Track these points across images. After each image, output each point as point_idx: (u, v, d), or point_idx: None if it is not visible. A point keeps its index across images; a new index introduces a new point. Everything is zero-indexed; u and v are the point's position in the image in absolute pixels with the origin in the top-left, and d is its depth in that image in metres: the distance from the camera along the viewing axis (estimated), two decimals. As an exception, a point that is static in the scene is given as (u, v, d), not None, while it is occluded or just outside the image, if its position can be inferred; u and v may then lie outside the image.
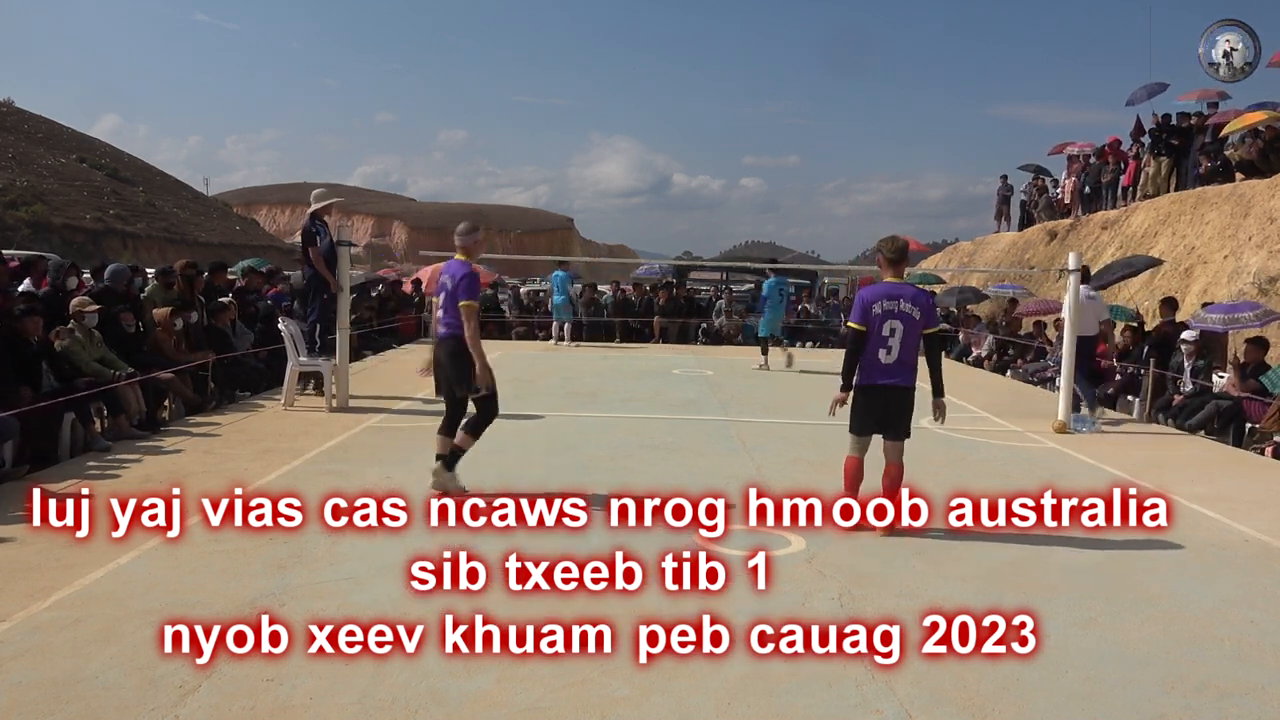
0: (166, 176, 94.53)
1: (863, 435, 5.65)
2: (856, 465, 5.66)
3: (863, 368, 5.55)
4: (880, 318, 5.46)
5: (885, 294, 5.51)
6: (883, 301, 5.48)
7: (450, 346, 5.98)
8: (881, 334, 5.47)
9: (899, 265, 5.67)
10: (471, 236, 6.20)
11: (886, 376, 5.51)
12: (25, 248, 31.27)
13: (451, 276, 6.03)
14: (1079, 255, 10.18)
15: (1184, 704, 3.50)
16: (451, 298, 5.96)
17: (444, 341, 6.03)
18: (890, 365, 5.50)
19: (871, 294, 5.54)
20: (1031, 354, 15.13)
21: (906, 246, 5.75)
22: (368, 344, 15.27)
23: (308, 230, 9.51)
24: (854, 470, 5.66)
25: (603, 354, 16.52)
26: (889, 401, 5.55)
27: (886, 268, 5.66)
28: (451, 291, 5.97)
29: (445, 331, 6.02)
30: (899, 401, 5.57)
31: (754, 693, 3.46)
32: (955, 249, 32.20)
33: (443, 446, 6.08)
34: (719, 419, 9.61)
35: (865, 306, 5.49)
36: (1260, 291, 13.54)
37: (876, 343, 5.48)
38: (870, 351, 5.50)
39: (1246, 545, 5.65)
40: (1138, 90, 20.66)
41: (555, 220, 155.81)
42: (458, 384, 6.01)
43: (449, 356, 6.00)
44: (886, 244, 5.71)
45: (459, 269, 6.04)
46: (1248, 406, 9.40)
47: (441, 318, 6.05)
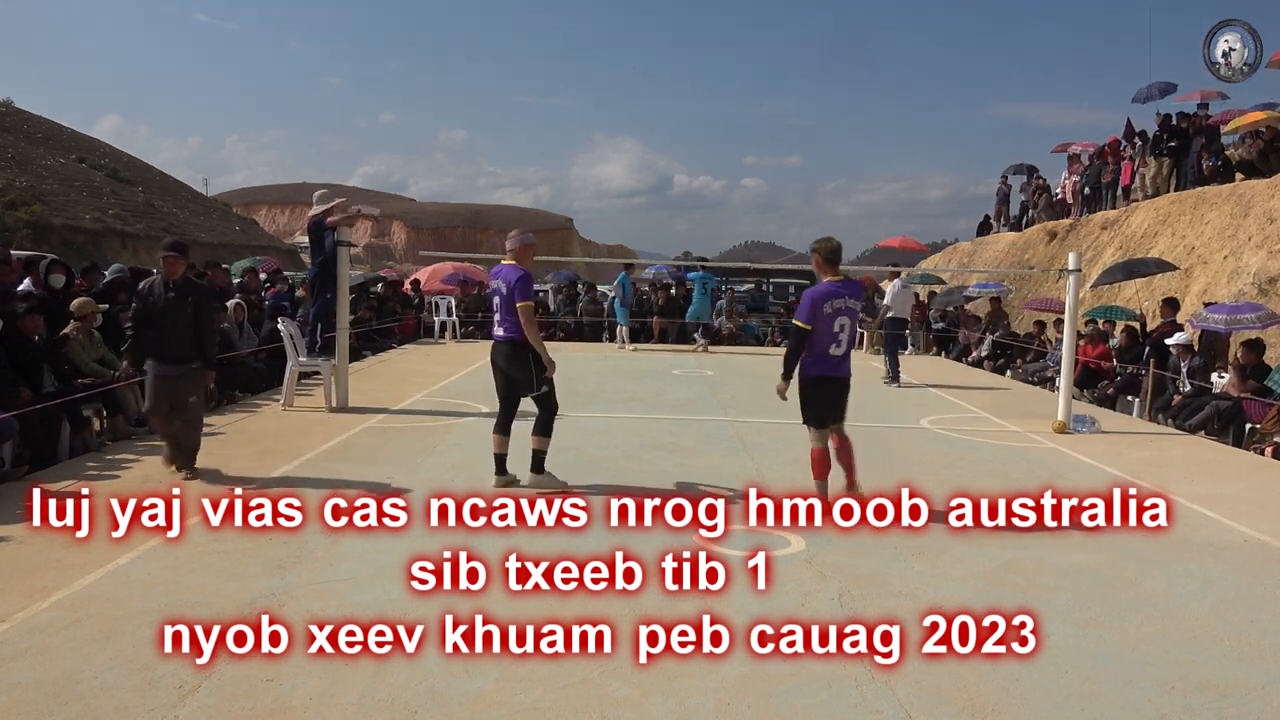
0: (166, 176, 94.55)
1: (823, 427, 5.96)
2: (824, 454, 5.97)
3: (816, 362, 5.90)
4: (830, 316, 5.83)
5: (833, 293, 5.86)
6: (832, 300, 5.84)
7: (508, 349, 6.16)
8: (833, 330, 5.86)
9: (836, 265, 6.02)
10: (522, 240, 6.36)
11: (838, 369, 5.96)
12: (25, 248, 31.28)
13: (506, 281, 6.15)
14: (1079, 255, 10.19)
15: (1184, 704, 3.50)
16: (509, 301, 6.11)
17: (502, 344, 6.20)
18: (839, 358, 5.94)
19: (820, 294, 5.86)
20: (1031, 354, 15.14)
21: (840, 248, 6.06)
22: (367, 344, 15.27)
23: (318, 222, 9.44)
24: (821, 459, 5.96)
25: (603, 354, 16.51)
26: (840, 391, 6.00)
27: (826, 268, 5.98)
28: (508, 295, 6.12)
29: (504, 334, 6.18)
30: (845, 390, 6.04)
31: (754, 693, 3.46)
32: (955, 249, 32.22)
33: (500, 446, 6.31)
34: (719, 419, 9.61)
35: (816, 306, 5.83)
36: (1260, 292, 13.54)
37: (828, 339, 5.87)
38: (822, 347, 5.87)
39: (1246, 545, 5.65)
40: (1150, 88, 20.68)
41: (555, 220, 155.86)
42: (521, 385, 6.18)
43: (507, 359, 6.17)
44: (822, 245, 6.04)
45: (512, 273, 6.18)
46: (1248, 407, 9.41)
47: (499, 321, 6.22)
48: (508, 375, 6.21)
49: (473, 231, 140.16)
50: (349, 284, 10.05)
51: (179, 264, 6.26)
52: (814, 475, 5.98)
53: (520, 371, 6.15)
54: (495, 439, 6.34)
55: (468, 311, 19.39)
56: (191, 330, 6.22)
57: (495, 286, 6.27)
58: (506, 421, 6.30)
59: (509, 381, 6.24)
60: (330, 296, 9.49)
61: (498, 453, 6.33)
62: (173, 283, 6.22)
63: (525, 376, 6.16)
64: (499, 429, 6.32)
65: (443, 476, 6.61)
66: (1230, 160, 17.18)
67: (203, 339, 6.30)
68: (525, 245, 6.33)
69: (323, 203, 9.71)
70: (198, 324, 6.25)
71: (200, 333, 6.28)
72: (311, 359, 9.55)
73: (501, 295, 6.17)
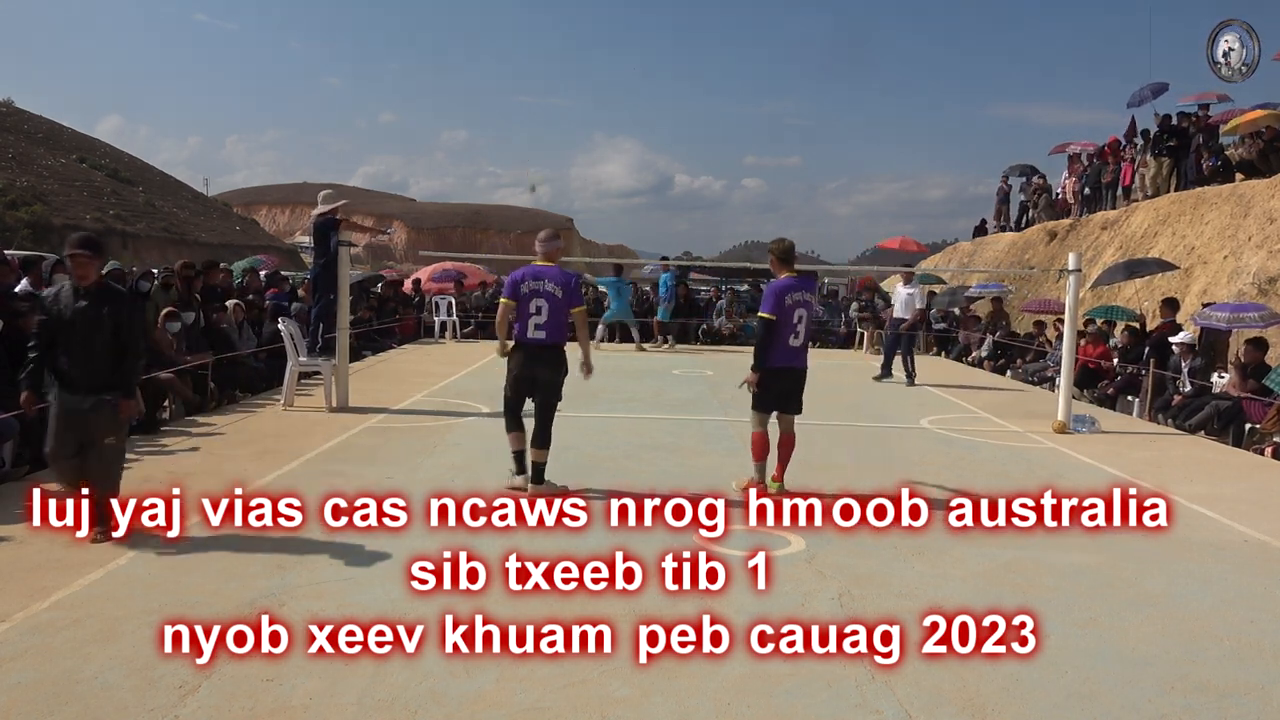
0: (166, 176, 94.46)
1: (767, 412, 6.32)
2: (764, 438, 6.30)
3: (775, 352, 6.17)
4: (791, 308, 6.16)
5: (793, 287, 6.19)
6: (793, 293, 6.17)
7: (555, 355, 6.06)
8: (792, 321, 6.18)
9: (790, 263, 6.34)
10: (555, 244, 6.35)
11: (793, 360, 6.24)
12: (25, 248, 31.29)
13: (560, 285, 6.01)
14: (1079, 255, 10.19)
15: (1184, 704, 3.50)
16: (564, 304, 6.01)
17: (548, 349, 6.04)
18: (796, 349, 6.23)
19: (782, 287, 6.17)
20: (1031, 354, 15.14)
21: (793, 247, 6.41)
22: (367, 344, 15.27)
23: (325, 221, 9.44)
24: (762, 442, 6.29)
25: (602, 355, 16.51)
26: (794, 381, 6.27)
27: (781, 266, 6.31)
28: (564, 299, 6.00)
29: (547, 339, 6.02)
30: (799, 381, 6.32)
31: (754, 693, 3.46)
32: (955, 249, 32.23)
33: (520, 442, 6.22)
34: (719, 419, 9.60)
35: (779, 298, 6.13)
36: (1260, 292, 13.54)
37: (787, 330, 6.17)
38: (782, 337, 6.16)
39: (1246, 545, 5.65)
40: (1141, 90, 20.70)
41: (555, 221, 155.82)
42: (550, 391, 6.08)
43: (552, 365, 6.05)
44: (776, 246, 6.41)
45: (562, 276, 6.10)
46: (1248, 407, 9.41)
47: (542, 325, 6.00)
48: (540, 380, 6.04)
49: (473, 231, 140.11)
50: (349, 283, 10.05)
51: (90, 265, 4.96)
52: (753, 457, 6.27)
53: (560, 376, 6.09)
54: (514, 436, 6.24)
55: (467, 311, 19.39)
56: (109, 351, 4.94)
57: (538, 288, 5.99)
58: (520, 419, 6.22)
59: (535, 385, 6.08)
60: (333, 297, 9.49)
61: (520, 449, 6.22)
62: (84, 290, 4.94)
63: (556, 381, 6.09)
64: (517, 427, 6.23)
65: (443, 476, 6.61)
66: (1230, 160, 17.18)
67: (123, 361, 5.00)
68: (559, 249, 6.34)
69: (328, 202, 9.70)
70: (117, 343, 4.96)
71: (121, 354, 4.99)
72: (312, 359, 9.55)
73: (554, 299, 5.98)
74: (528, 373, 6.09)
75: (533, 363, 6.07)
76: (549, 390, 6.09)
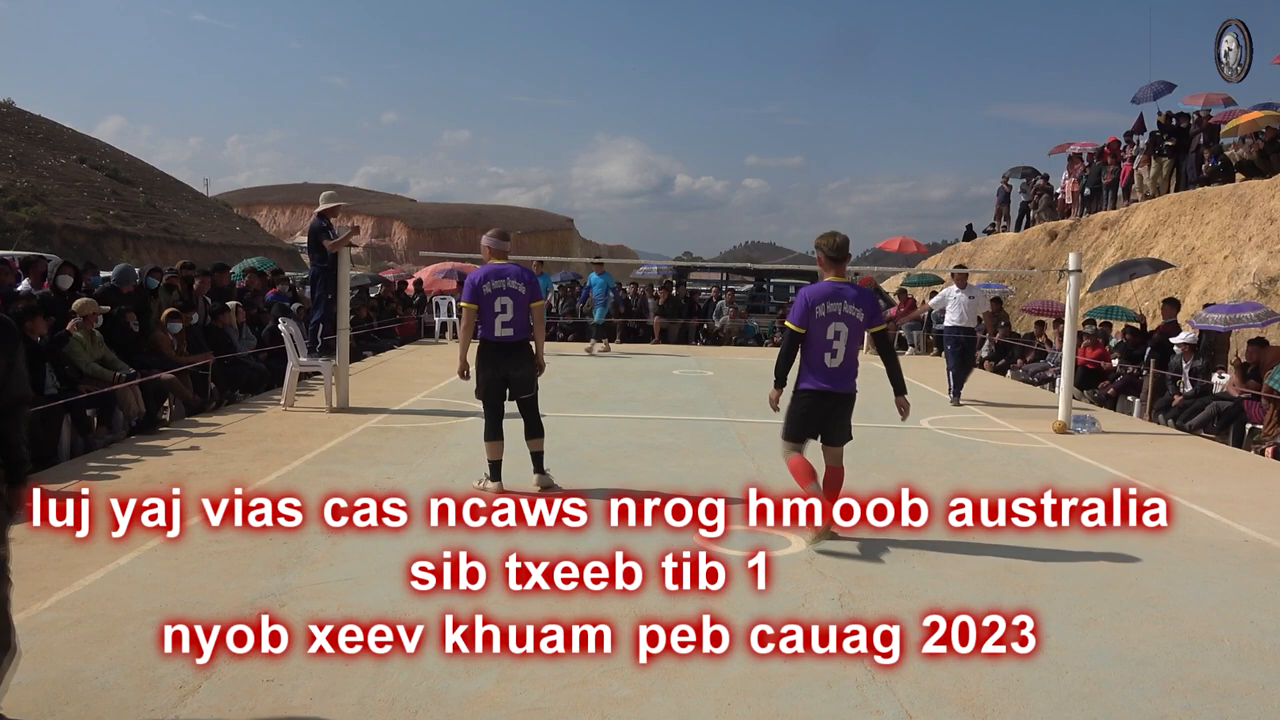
0: (167, 177, 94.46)
1: (800, 442, 5.34)
2: (802, 460, 5.29)
3: (809, 372, 5.27)
4: (824, 320, 5.15)
5: (828, 295, 5.17)
6: (826, 303, 5.15)
7: (522, 350, 6.11)
8: (826, 338, 5.16)
9: (840, 264, 5.29)
10: (508, 243, 6.33)
11: (833, 382, 5.23)
12: (25, 248, 31.29)
13: (523, 281, 6.06)
14: (1079, 256, 10.19)
15: (1184, 704, 3.50)
16: (526, 300, 6.04)
17: (515, 345, 6.07)
18: (835, 370, 5.22)
19: (813, 294, 5.19)
20: (1031, 354, 15.14)
21: (847, 243, 5.36)
22: (367, 344, 15.28)
23: (318, 228, 9.49)
24: (801, 465, 5.27)
25: (602, 356, 16.50)
26: (835, 408, 5.29)
27: (828, 266, 5.30)
28: (527, 295, 6.04)
29: (515, 335, 6.06)
30: (843, 407, 5.33)
31: (754, 693, 3.46)
32: (955, 249, 32.19)
33: (499, 452, 6.17)
34: (719, 419, 9.61)
35: (807, 308, 5.16)
36: (1260, 292, 13.54)
37: (821, 347, 5.18)
38: (815, 356, 5.21)
39: (1246, 545, 5.65)
40: (1143, 89, 20.72)
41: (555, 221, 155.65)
42: (522, 387, 6.12)
43: (519, 361, 6.10)
44: (825, 241, 5.33)
45: (524, 272, 6.14)
46: (1248, 407, 9.41)
47: (509, 322, 6.02)
48: (513, 378, 6.10)
49: (473, 232, 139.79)
50: (349, 283, 10.06)
51: None
52: (800, 485, 5.27)
53: (530, 371, 6.16)
54: (494, 446, 6.15)
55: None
56: None
57: (501, 287, 6.00)
58: (501, 426, 6.17)
59: (508, 384, 6.13)
60: (331, 298, 9.50)
61: (497, 459, 6.18)
62: None
63: (531, 376, 6.17)
64: (498, 435, 6.16)
65: (443, 476, 6.61)
66: (1230, 160, 17.18)
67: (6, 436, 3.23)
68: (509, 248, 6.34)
69: (329, 203, 9.71)
70: None
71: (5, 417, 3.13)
72: (312, 359, 9.55)
73: (519, 295, 6.01)
74: (500, 373, 6.10)
75: (504, 362, 6.08)
76: (524, 386, 6.15)
